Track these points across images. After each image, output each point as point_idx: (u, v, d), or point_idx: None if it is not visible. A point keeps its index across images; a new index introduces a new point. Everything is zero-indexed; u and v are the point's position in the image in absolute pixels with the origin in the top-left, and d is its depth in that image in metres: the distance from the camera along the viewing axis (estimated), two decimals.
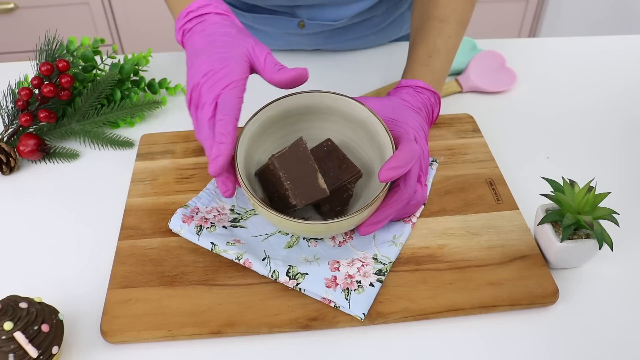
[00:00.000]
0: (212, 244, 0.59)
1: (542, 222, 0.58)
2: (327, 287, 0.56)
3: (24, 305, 0.49)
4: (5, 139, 0.72)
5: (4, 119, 0.74)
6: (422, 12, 0.72)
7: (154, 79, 0.82)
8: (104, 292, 0.58)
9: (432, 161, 0.70)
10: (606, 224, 0.61)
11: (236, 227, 0.62)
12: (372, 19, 0.91)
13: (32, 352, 0.48)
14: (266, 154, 0.64)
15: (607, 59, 0.92)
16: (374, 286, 0.56)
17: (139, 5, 1.90)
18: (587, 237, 0.57)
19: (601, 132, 0.78)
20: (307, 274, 0.57)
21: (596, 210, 0.57)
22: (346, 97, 0.61)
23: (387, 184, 0.55)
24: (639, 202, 0.68)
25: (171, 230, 0.61)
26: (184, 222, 0.61)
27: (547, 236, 0.58)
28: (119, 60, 0.82)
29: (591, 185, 0.56)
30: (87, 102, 0.75)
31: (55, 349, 0.49)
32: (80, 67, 0.78)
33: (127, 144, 0.75)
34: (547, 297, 0.56)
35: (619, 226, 0.57)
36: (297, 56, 0.92)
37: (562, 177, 0.59)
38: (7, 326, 0.47)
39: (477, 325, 0.55)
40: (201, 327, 0.54)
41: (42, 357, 0.48)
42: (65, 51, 0.77)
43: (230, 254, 0.58)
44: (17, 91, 0.75)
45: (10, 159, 0.70)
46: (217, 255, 0.60)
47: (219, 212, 0.63)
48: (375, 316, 0.55)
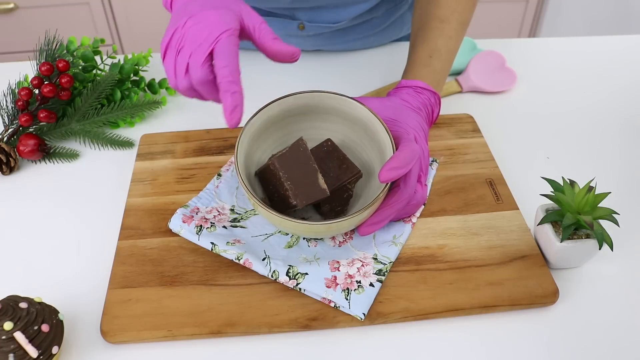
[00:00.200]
0: (212, 244, 0.59)
1: (542, 222, 0.58)
2: (327, 287, 0.56)
3: (24, 305, 0.49)
4: (5, 139, 0.72)
5: (4, 119, 0.74)
6: (423, 12, 0.72)
7: (154, 79, 0.82)
8: (104, 292, 0.58)
9: (432, 161, 0.70)
10: (606, 224, 0.61)
11: (236, 227, 0.62)
12: (372, 20, 0.91)
13: (32, 352, 0.48)
14: (266, 154, 0.64)
15: (607, 59, 0.92)
16: (374, 286, 0.56)
17: (139, 5, 1.90)
18: (587, 237, 0.57)
19: (601, 132, 0.78)
20: (307, 274, 0.57)
21: (596, 210, 0.57)
22: (346, 97, 0.61)
23: (387, 184, 0.55)
24: (639, 202, 0.68)
25: (171, 230, 0.61)
26: (184, 222, 0.61)
27: (547, 236, 0.58)
28: (119, 60, 0.82)
29: (591, 185, 0.56)
30: (87, 102, 0.75)
31: (55, 349, 0.49)
32: (80, 67, 0.78)
33: (127, 144, 0.75)
34: (547, 297, 0.56)
35: (619, 226, 0.57)
36: None
37: (562, 177, 0.59)
38: (7, 326, 0.47)
39: (477, 325, 0.55)
40: (201, 327, 0.54)
41: (42, 357, 0.48)
42: (65, 51, 0.77)
43: (230, 254, 0.58)
44: (17, 91, 0.75)
45: (10, 159, 0.70)
46: (217, 255, 0.60)
47: (219, 212, 0.63)
48: (375, 316, 0.55)
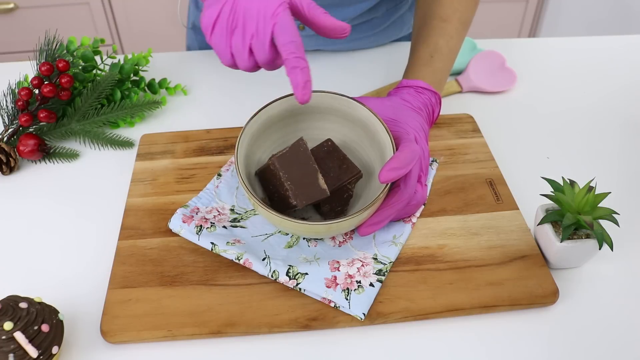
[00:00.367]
0: (212, 244, 0.59)
1: (542, 222, 0.58)
2: (327, 287, 0.56)
3: (24, 305, 0.49)
4: (5, 139, 0.72)
5: (4, 119, 0.74)
6: (424, 11, 0.72)
7: (154, 79, 0.82)
8: (104, 292, 0.58)
9: (432, 161, 0.70)
10: (606, 224, 0.61)
11: (236, 227, 0.62)
12: (373, 20, 0.91)
13: (32, 352, 0.48)
14: (266, 154, 0.64)
15: (607, 58, 0.92)
16: (374, 286, 0.56)
17: (139, 5, 1.91)
18: (587, 237, 0.57)
19: (601, 132, 0.78)
20: (307, 274, 0.57)
21: (596, 210, 0.57)
22: (346, 97, 0.61)
23: (387, 184, 0.55)
24: (639, 202, 0.68)
25: (171, 230, 0.61)
26: (184, 222, 0.61)
27: (547, 236, 0.58)
28: (119, 60, 0.82)
29: (591, 185, 0.56)
30: (87, 102, 0.75)
31: (55, 349, 0.49)
32: (80, 67, 0.78)
33: (127, 144, 0.75)
34: (547, 297, 0.56)
35: (619, 226, 0.57)
36: None
37: (562, 177, 0.59)
38: (7, 326, 0.47)
39: (477, 325, 0.55)
40: (201, 327, 0.54)
41: (42, 357, 0.48)
42: (65, 51, 0.77)
43: (230, 254, 0.58)
44: (17, 91, 0.75)
45: (10, 159, 0.70)
46: (217, 255, 0.60)
47: (219, 212, 0.63)
48: (375, 316, 0.55)
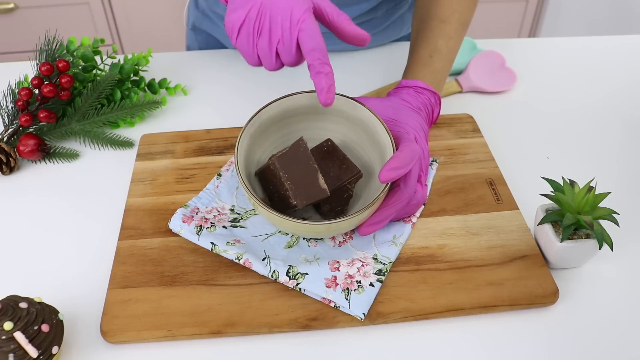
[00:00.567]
0: (212, 244, 0.59)
1: (542, 222, 0.58)
2: (327, 287, 0.56)
3: (24, 305, 0.49)
4: (5, 139, 0.72)
5: (4, 119, 0.74)
6: (423, 12, 0.72)
7: (154, 79, 0.82)
8: (104, 292, 0.58)
9: (432, 161, 0.70)
10: (606, 224, 0.61)
11: (236, 227, 0.62)
12: (372, 20, 0.91)
13: (32, 352, 0.48)
14: (266, 154, 0.64)
15: (607, 58, 0.92)
16: (374, 286, 0.56)
17: (139, 5, 1.91)
18: (587, 237, 0.57)
19: (601, 132, 0.78)
20: (307, 274, 0.57)
21: (596, 210, 0.57)
22: (346, 97, 0.61)
23: (387, 184, 0.55)
24: (639, 202, 0.68)
25: (171, 230, 0.61)
26: (184, 222, 0.61)
27: (547, 236, 0.58)
28: (119, 60, 0.82)
29: (591, 185, 0.56)
30: (87, 102, 0.75)
31: (55, 349, 0.49)
32: (80, 67, 0.78)
33: (127, 144, 0.75)
34: (547, 297, 0.56)
35: (619, 226, 0.57)
36: None
37: (562, 177, 0.59)
38: (7, 326, 0.47)
39: (477, 325, 0.55)
40: (201, 327, 0.54)
41: (42, 357, 0.48)
42: (65, 51, 0.77)
43: (230, 254, 0.58)
44: (17, 91, 0.75)
45: (10, 159, 0.70)
46: (217, 255, 0.60)
47: (219, 212, 0.63)
48: (375, 316, 0.55)
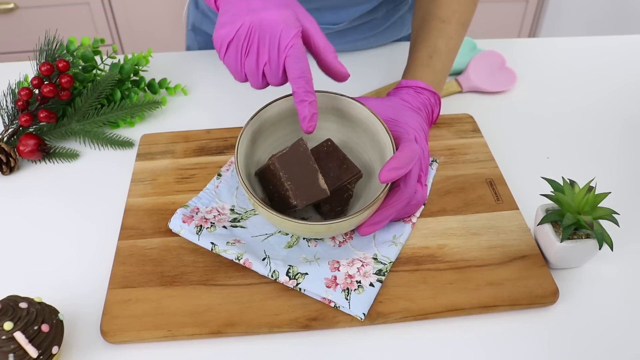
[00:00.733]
0: (212, 244, 0.59)
1: (542, 222, 0.58)
2: (327, 287, 0.56)
3: (24, 305, 0.49)
4: (5, 139, 0.72)
5: (4, 119, 0.74)
6: (423, 12, 0.72)
7: (154, 79, 0.82)
8: (104, 292, 0.58)
9: (432, 161, 0.70)
10: (606, 224, 0.61)
11: (236, 227, 0.62)
12: (372, 21, 0.91)
13: (32, 352, 0.48)
14: (266, 154, 0.64)
15: (607, 58, 0.92)
16: (374, 286, 0.56)
17: (139, 5, 1.90)
18: (587, 237, 0.57)
19: (601, 132, 0.78)
20: (307, 274, 0.57)
21: (596, 210, 0.57)
22: (346, 97, 0.61)
23: (387, 184, 0.55)
24: (639, 202, 0.68)
25: (171, 230, 0.61)
26: (184, 222, 0.61)
27: (547, 236, 0.58)
28: (119, 60, 0.82)
29: (591, 185, 0.56)
30: (87, 102, 0.75)
31: (55, 349, 0.49)
32: (80, 67, 0.78)
33: (127, 144, 0.75)
34: (547, 297, 0.56)
35: (619, 226, 0.57)
36: None
37: (562, 177, 0.59)
38: (7, 326, 0.47)
39: (477, 325, 0.55)
40: (201, 327, 0.54)
41: (42, 357, 0.48)
42: (65, 51, 0.77)
43: (230, 254, 0.58)
44: (17, 91, 0.75)
45: (10, 159, 0.70)
46: (217, 255, 0.60)
47: (219, 212, 0.63)
48: (375, 316, 0.55)
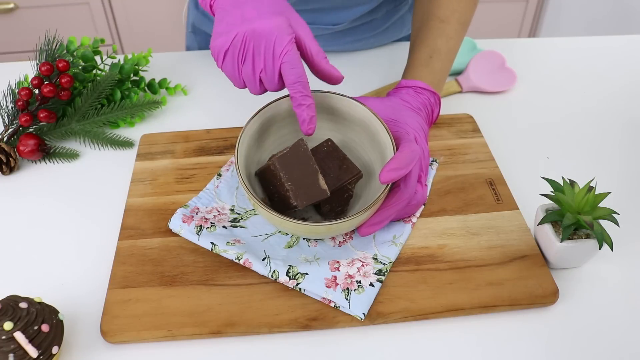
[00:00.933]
0: (212, 244, 0.59)
1: (542, 222, 0.58)
2: (327, 287, 0.56)
3: (24, 305, 0.49)
4: (5, 139, 0.72)
5: (4, 119, 0.74)
6: (423, 12, 0.72)
7: (154, 79, 0.82)
8: (104, 292, 0.58)
9: (432, 161, 0.70)
10: (606, 224, 0.61)
11: (236, 227, 0.62)
12: (372, 22, 0.91)
13: (32, 352, 0.48)
14: (266, 154, 0.64)
15: (607, 58, 0.92)
16: (374, 286, 0.56)
17: (139, 5, 1.90)
18: (587, 237, 0.57)
19: (601, 131, 0.78)
20: (307, 274, 0.57)
21: (596, 210, 0.57)
22: (347, 97, 0.61)
23: (387, 185, 0.55)
24: (639, 202, 0.68)
25: (171, 230, 0.61)
26: (184, 222, 0.61)
27: (547, 236, 0.58)
28: (119, 60, 0.82)
29: (591, 185, 0.56)
30: (87, 102, 0.75)
31: (55, 349, 0.49)
32: (80, 67, 0.78)
33: (127, 144, 0.75)
34: (547, 297, 0.56)
35: (619, 226, 0.57)
36: None
37: (562, 177, 0.59)
38: (7, 326, 0.47)
39: (477, 325, 0.55)
40: (201, 327, 0.54)
41: (42, 357, 0.48)
42: (65, 51, 0.77)
43: (230, 254, 0.58)
44: (17, 91, 0.75)
45: (10, 159, 0.70)
46: (217, 255, 0.60)
47: (219, 212, 0.63)
48: (375, 316, 0.55)
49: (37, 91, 0.73)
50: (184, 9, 1.01)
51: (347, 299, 0.55)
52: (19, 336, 0.47)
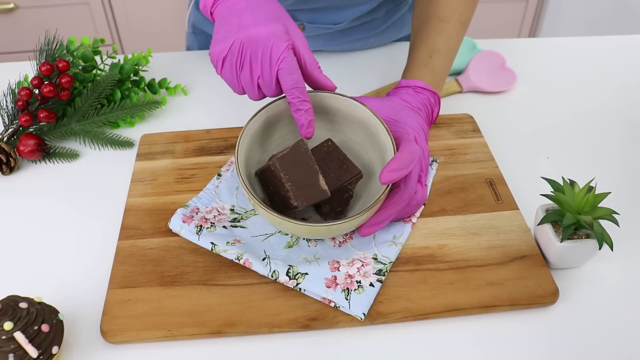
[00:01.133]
0: (212, 244, 0.59)
1: (542, 222, 0.58)
2: (327, 287, 0.56)
3: (24, 305, 0.49)
4: (5, 139, 0.72)
5: (4, 119, 0.74)
6: (423, 11, 0.72)
7: (154, 79, 0.82)
8: (104, 292, 0.58)
9: (432, 161, 0.70)
10: (606, 224, 0.61)
11: (236, 227, 0.62)
12: (372, 21, 0.91)
13: (32, 352, 0.48)
14: (266, 154, 0.64)
15: (607, 58, 0.92)
16: (374, 286, 0.56)
17: (139, 5, 1.91)
18: (587, 237, 0.57)
19: (601, 131, 0.78)
20: (307, 274, 0.57)
21: (596, 210, 0.57)
22: (346, 97, 0.61)
23: (388, 185, 0.55)
24: (639, 202, 0.68)
25: (171, 230, 0.61)
26: (184, 222, 0.61)
27: (547, 236, 0.58)
28: (119, 60, 0.82)
29: (591, 185, 0.56)
30: (87, 102, 0.75)
31: (55, 349, 0.49)
32: (80, 67, 0.78)
33: (127, 144, 0.75)
34: (547, 297, 0.56)
35: (619, 226, 0.57)
36: None
37: (562, 177, 0.59)
38: (7, 326, 0.47)
39: (477, 325, 0.55)
40: (201, 327, 0.54)
41: (42, 357, 0.48)
42: (65, 51, 0.77)
43: (230, 254, 0.58)
44: (17, 91, 0.75)
45: (10, 159, 0.70)
46: (217, 255, 0.60)
47: (219, 212, 0.63)
48: (375, 316, 0.55)
49: (37, 91, 0.73)
50: (187, 12, 1.01)
51: (347, 299, 0.55)
52: (19, 336, 0.47)
